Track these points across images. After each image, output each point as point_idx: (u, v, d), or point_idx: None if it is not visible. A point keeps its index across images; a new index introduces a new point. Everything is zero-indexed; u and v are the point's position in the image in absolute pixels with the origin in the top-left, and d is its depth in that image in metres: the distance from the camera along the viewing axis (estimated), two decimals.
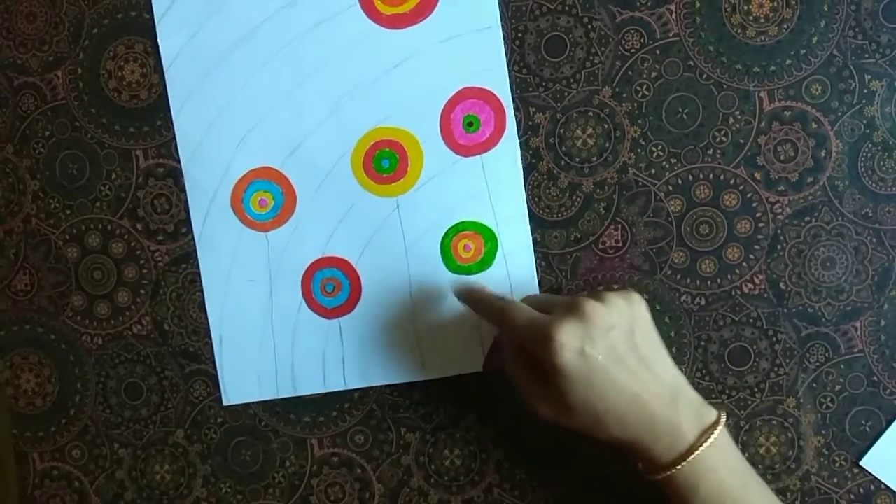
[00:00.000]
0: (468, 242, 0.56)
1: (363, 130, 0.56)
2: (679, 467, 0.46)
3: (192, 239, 0.58)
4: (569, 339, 0.45)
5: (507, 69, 0.55)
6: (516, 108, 0.55)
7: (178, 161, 0.58)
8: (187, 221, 0.58)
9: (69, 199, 0.59)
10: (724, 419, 0.47)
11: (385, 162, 0.56)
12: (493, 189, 0.55)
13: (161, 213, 0.58)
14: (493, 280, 0.55)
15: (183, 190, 0.58)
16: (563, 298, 0.50)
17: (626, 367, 0.46)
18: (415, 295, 0.56)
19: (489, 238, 0.55)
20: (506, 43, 0.55)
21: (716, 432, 0.46)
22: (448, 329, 0.56)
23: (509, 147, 0.55)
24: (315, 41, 0.56)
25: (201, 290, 0.58)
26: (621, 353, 0.46)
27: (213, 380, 0.58)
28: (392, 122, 0.56)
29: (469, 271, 0.55)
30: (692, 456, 0.46)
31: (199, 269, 0.58)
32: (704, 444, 0.46)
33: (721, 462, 0.46)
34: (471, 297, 0.53)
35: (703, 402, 0.48)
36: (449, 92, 0.55)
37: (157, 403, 0.59)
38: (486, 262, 0.56)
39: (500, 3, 0.54)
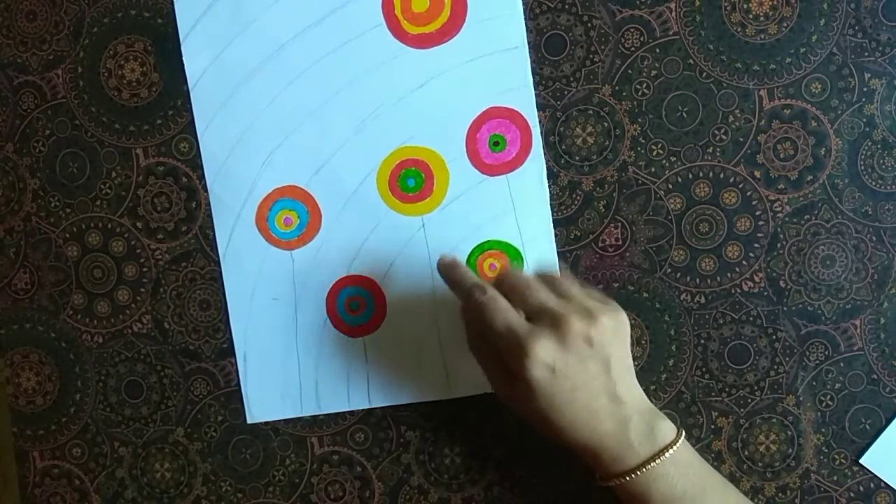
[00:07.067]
0: (494, 261, 0.56)
1: (389, 149, 0.56)
2: (628, 479, 0.47)
3: (193, 237, 0.58)
4: (544, 355, 0.45)
5: (533, 89, 0.55)
6: None
7: (179, 160, 0.58)
8: (187, 220, 0.58)
9: (69, 198, 0.59)
10: (681, 439, 0.47)
11: (411, 181, 0.56)
12: (519, 208, 0.55)
13: (161, 211, 0.58)
14: None
15: (183, 188, 0.58)
16: (550, 307, 0.47)
17: (592, 387, 0.46)
18: (440, 313, 0.56)
19: (515, 257, 0.55)
20: None
21: (670, 452, 0.47)
22: None
23: (535, 167, 0.55)
24: (341, 60, 0.56)
25: (201, 289, 0.58)
26: (591, 374, 0.46)
27: (212, 378, 0.58)
28: (418, 141, 0.56)
29: None
30: (642, 471, 0.46)
31: (199, 269, 0.58)
32: (655, 462, 0.46)
33: (674, 471, 0.47)
34: (450, 277, 0.51)
35: (663, 421, 0.48)
36: (475, 111, 0.55)
37: (158, 402, 0.59)
38: None
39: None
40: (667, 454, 0.47)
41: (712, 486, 0.48)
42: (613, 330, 0.47)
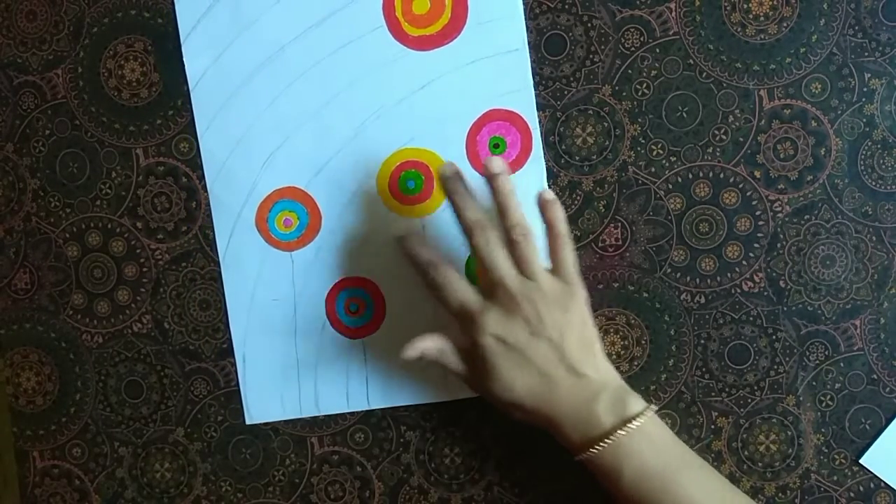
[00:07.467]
0: None
1: (389, 151, 0.56)
2: (595, 450, 0.47)
3: (193, 237, 0.58)
4: (493, 326, 0.48)
5: (533, 91, 0.55)
6: None
7: (179, 160, 0.58)
8: (187, 220, 0.58)
9: (69, 198, 0.59)
10: (650, 411, 0.48)
11: (411, 183, 0.56)
12: None
13: (161, 211, 0.58)
14: None
15: (183, 188, 0.58)
16: (506, 282, 0.48)
17: (545, 358, 0.48)
18: (439, 315, 0.55)
19: None
20: None
21: (636, 422, 0.47)
22: None
23: (536, 169, 0.55)
24: (342, 62, 0.56)
25: (201, 289, 0.58)
26: (542, 347, 0.48)
27: (212, 378, 0.58)
28: (418, 143, 0.56)
29: None
30: (608, 441, 0.47)
31: (199, 269, 0.58)
32: (621, 433, 0.47)
33: (646, 448, 0.47)
34: (409, 254, 0.51)
35: (634, 397, 0.49)
36: (475, 114, 0.55)
37: (158, 402, 0.59)
38: None
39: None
40: (633, 424, 0.47)
41: (688, 466, 0.48)
42: (565, 306, 0.48)
